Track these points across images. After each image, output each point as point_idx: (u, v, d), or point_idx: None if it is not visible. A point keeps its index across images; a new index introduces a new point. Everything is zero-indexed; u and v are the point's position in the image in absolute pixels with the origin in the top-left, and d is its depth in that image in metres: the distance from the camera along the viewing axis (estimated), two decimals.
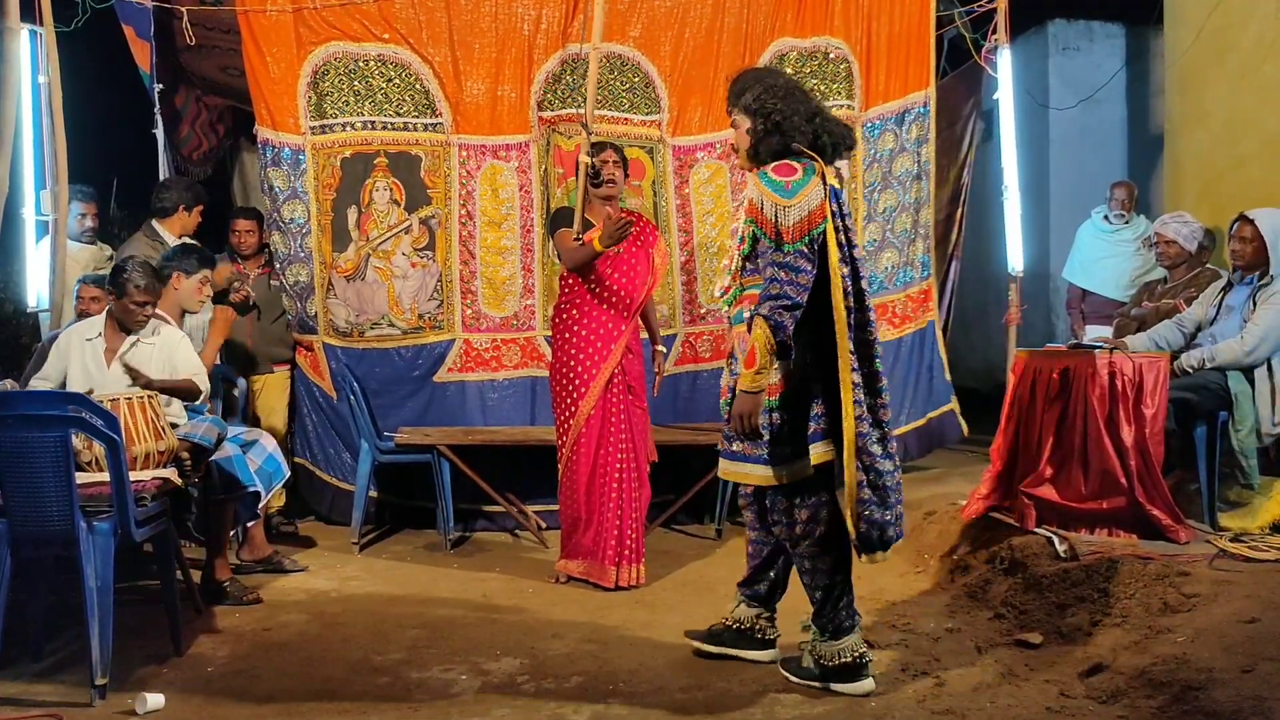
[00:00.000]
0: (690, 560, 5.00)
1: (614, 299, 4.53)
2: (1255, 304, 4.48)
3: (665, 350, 4.95)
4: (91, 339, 4.19)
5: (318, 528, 5.60)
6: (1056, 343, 6.05)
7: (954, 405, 6.05)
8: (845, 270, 3.20)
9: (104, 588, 3.30)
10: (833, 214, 3.20)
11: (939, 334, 6.06)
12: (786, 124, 3.26)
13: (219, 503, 4.25)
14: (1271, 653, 3.00)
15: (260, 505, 4.41)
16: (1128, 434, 4.23)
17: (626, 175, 4.69)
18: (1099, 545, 4.07)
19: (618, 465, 4.49)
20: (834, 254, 3.16)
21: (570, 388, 4.53)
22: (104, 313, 4.28)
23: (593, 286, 4.54)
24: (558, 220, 4.60)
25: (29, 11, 5.03)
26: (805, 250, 3.14)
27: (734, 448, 3.33)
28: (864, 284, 3.28)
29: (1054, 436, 4.45)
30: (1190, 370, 4.46)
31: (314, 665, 3.56)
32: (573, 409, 4.52)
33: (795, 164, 3.21)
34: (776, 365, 3.20)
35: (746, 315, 3.23)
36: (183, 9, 5.51)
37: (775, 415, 3.23)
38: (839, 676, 3.26)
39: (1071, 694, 3.15)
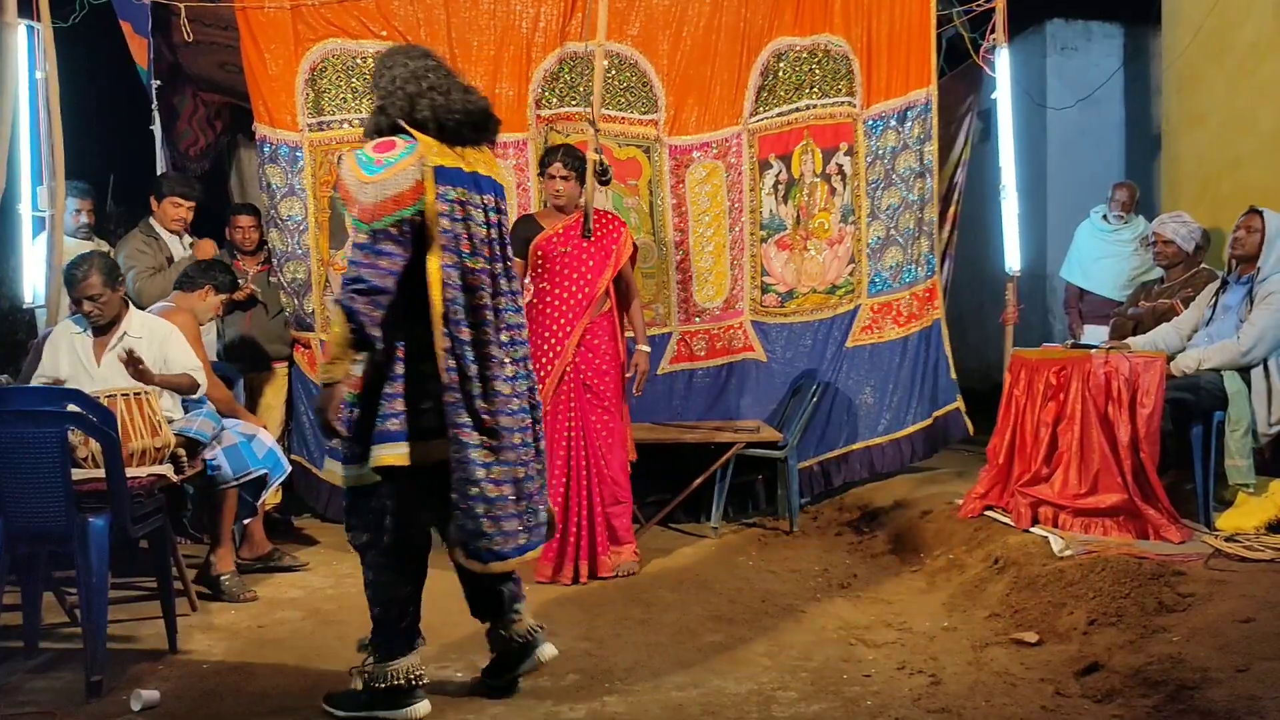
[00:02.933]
0: (686, 558, 5.00)
1: (566, 296, 4.61)
2: (1252, 303, 4.49)
3: (649, 350, 4.85)
4: (79, 332, 4.18)
5: (314, 525, 5.60)
6: (1053, 342, 6.05)
7: (959, 404, 6.03)
8: (458, 261, 2.99)
9: (99, 584, 3.29)
10: (459, 202, 2.99)
11: (945, 331, 6.05)
12: (388, 101, 3.04)
13: (223, 492, 4.24)
14: (1266, 652, 3.00)
15: (259, 501, 4.41)
16: (1124, 434, 4.24)
17: (589, 182, 4.67)
18: (1095, 544, 4.07)
19: (564, 462, 4.56)
20: (435, 240, 2.94)
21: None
22: None
23: (545, 284, 4.65)
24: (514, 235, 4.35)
25: (26, 7, 5.03)
26: (392, 232, 2.88)
27: (332, 443, 3.08)
28: (515, 284, 3.15)
29: (1050, 436, 4.46)
30: (1185, 374, 4.47)
31: (309, 662, 3.56)
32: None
33: (398, 140, 2.97)
34: (360, 357, 2.94)
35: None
36: (180, 5, 5.51)
37: (354, 411, 2.97)
38: (386, 700, 3.03)
39: (1067, 693, 3.15)
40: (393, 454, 2.95)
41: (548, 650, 3.26)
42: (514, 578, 3.27)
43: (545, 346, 4.60)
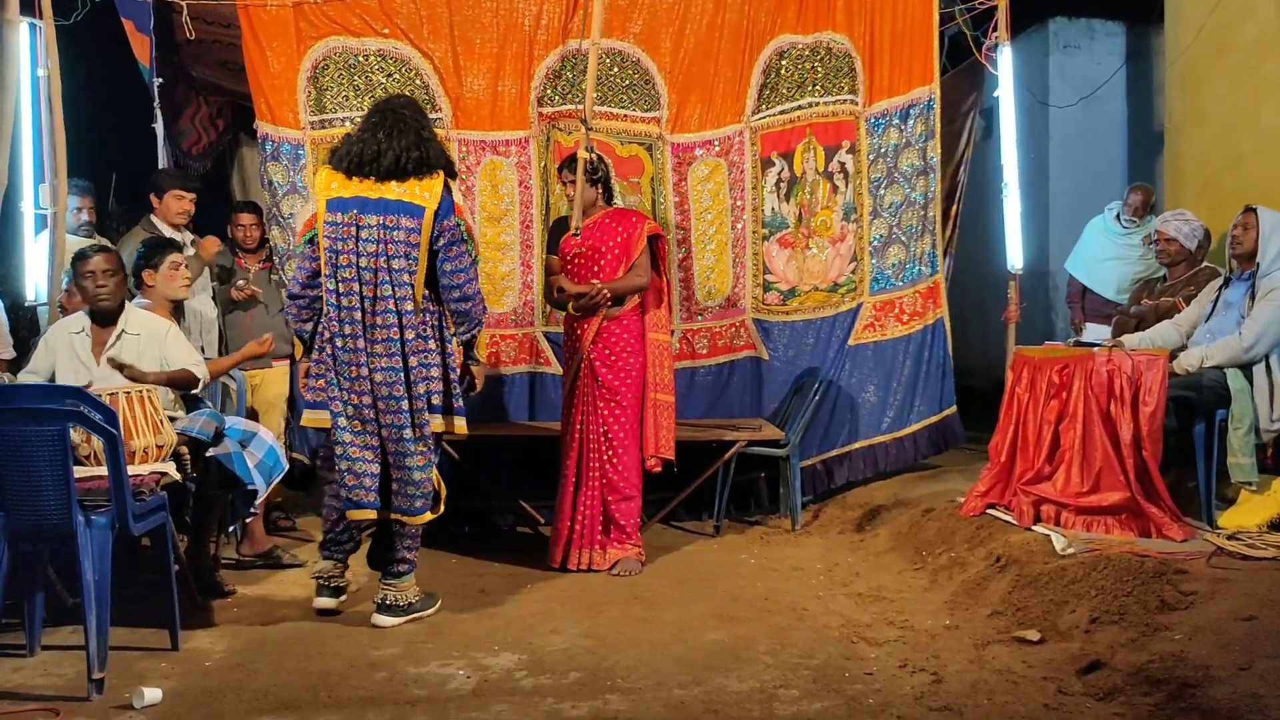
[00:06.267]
0: (688, 557, 5.00)
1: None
2: (1254, 299, 4.48)
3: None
4: (77, 332, 4.18)
5: (315, 523, 5.58)
6: (1056, 340, 6.04)
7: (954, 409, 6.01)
8: (333, 273, 3.80)
9: (102, 582, 3.30)
10: (345, 224, 3.78)
11: (949, 330, 6.02)
12: None
13: (213, 498, 4.24)
14: (1268, 650, 3.00)
15: (259, 500, 4.41)
16: (1126, 431, 4.24)
17: (596, 185, 4.78)
18: (1097, 543, 4.07)
19: (575, 454, 4.74)
20: (322, 257, 3.84)
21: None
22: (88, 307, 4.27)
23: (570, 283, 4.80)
24: (551, 235, 4.95)
25: (28, 5, 5.04)
26: (305, 250, 3.94)
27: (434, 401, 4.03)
28: (388, 289, 3.79)
29: (1053, 434, 4.46)
30: (1188, 372, 4.46)
31: (311, 660, 3.56)
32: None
33: None
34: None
35: None
36: (183, 3, 5.51)
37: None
38: (316, 588, 4.07)
39: (1069, 691, 3.15)
40: (313, 416, 4.04)
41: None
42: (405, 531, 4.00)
43: (568, 342, 4.84)
